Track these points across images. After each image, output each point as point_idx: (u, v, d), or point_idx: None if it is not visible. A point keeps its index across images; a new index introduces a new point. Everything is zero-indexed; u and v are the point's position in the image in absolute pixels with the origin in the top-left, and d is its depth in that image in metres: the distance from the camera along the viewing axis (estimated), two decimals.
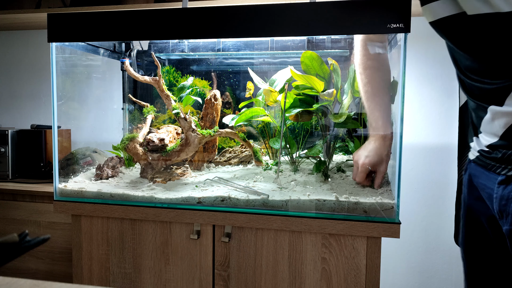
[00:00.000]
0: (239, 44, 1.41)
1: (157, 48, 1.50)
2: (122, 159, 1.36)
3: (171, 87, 1.44)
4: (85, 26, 1.06)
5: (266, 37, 1.32)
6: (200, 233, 1.08)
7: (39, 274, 1.61)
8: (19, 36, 2.15)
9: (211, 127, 1.33)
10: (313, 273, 1.03)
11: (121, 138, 1.30)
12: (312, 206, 1.01)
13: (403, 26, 0.89)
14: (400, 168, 0.95)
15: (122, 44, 1.54)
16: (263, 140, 1.42)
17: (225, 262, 1.08)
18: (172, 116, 1.36)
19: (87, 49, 1.37)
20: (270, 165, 1.31)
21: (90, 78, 1.51)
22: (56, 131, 1.18)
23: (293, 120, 1.27)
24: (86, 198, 1.14)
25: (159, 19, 1.01)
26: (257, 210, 1.03)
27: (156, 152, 1.24)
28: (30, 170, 1.82)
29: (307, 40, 1.34)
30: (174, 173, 1.22)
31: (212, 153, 1.40)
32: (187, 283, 1.10)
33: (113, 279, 1.15)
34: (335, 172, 1.22)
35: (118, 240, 1.14)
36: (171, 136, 1.31)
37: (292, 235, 1.03)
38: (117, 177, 1.29)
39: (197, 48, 1.45)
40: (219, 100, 1.36)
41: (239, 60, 1.52)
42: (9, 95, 2.18)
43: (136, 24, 1.03)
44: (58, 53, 1.17)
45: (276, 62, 1.47)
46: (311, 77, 1.12)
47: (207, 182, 1.19)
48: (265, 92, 1.23)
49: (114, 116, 1.59)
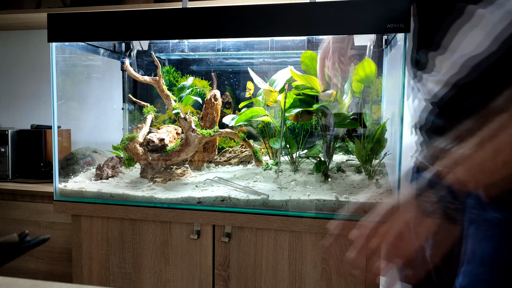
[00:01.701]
0: (239, 44, 1.41)
1: (157, 48, 1.50)
2: (122, 159, 1.36)
3: (171, 87, 1.44)
4: (85, 26, 1.05)
5: (266, 37, 1.32)
6: (200, 233, 1.08)
7: (39, 274, 1.61)
8: (19, 36, 2.15)
9: (211, 127, 1.33)
10: (313, 273, 1.03)
11: (121, 138, 1.30)
12: (312, 206, 1.01)
13: (403, 26, 0.89)
14: (400, 168, 0.95)
15: (122, 44, 1.54)
16: (263, 140, 1.42)
17: (225, 262, 1.08)
18: (172, 116, 1.36)
19: (87, 49, 1.37)
20: (270, 165, 1.31)
21: (90, 78, 1.51)
22: (56, 131, 1.18)
23: (293, 120, 1.27)
24: (86, 198, 1.14)
25: (159, 19, 1.01)
26: (257, 210, 1.03)
27: (156, 152, 1.24)
28: (30, 170, 1.82)
29: (307, 40, 1.34)
30: (174, 173, 1.22)
31: (212, 153, 1.40)
32: (187, 283, 1.10)
33: (113, 279, 1.15)
34: (335, 172, 1.22)
35: (118, 240, 1.14)
36: (171, 136, 1.31)
37: (292, 235, 1.03)
38: (117, 177, 1.29)
39: (197, 48, 1.45)
40: (219, 100, 1.36)
41: (239, 60, 1.52)
42: (9, 95, 2.18)
43: (136, 24, 1.03)
44: (58, 53, 1.17)
45: (276, 62, 1.47)
46: (311, 77, 1.12)
47: (207, 182, 1.19)
48: (265, 92, 1.23)
49: (114, 116, 1.59)
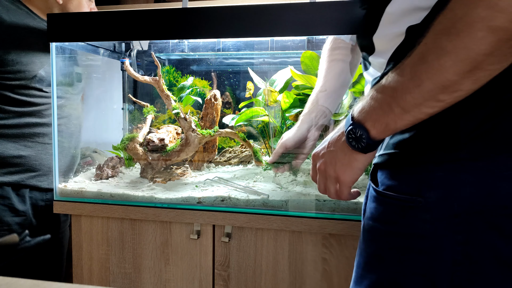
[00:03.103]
0: (239, 44, 1.41)
1: (157, 48, 1.50)
2: (122, 159, 1.36)
3: (171, 87, 1.44)
4: (85, 26, 1.05)
5: (266, 37, 1.32)
6: (200, 233, 1.08)
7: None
8: None
9: (211, 127, 1.33)
10: (314, 273, 1.03)
11: (121, 138, 1.30)
12: (312, 206, 1.01)
13: None
14: None
15: (122, 44, 1.54)
16: (263, 140, 1.42)
17: (225, 262, 1.08)
18: (172, 116, 1.36)
19: (87, 49, 1.37)
20: (270, 165, 1.31)
21: (90, 78, 1.51)
22: (56, 131, 1.18)
23: (293, 120, 1.27)
24: (86, 198, 1.14)
25: (159, 19, 1.01)
26: (257, 210, 1.03)
27: (156, 152, 1.24)
28: None
29: (307, 40, 1.34)
30: (174, 173, 1.22)
31: (212, 153, 1.40)
32: (187, 283, 1.10)
33: (113, 279, 1.15)
34: None
35: (118, 240, 1.14)
36: (171, 136, 1.31)
37: (292, 235, 1.03)
38: (117, 177, 1.29)
39: (197, 48, 1.45)
40: (219, 100, 1.36)
41: (239, 60, 1.52)
42: None
43: (136, 24, 1.03)
44: (58, 53, 1.17)
45: (276, 62, 1.46)
46: (311, 77, 1.12)
47: (207, 182, 1.19)
48: (265, 92, 1.23)
49: (114, 116, 1.59)
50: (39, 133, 1.25)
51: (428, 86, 0.51)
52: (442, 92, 0.50)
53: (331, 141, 0.68)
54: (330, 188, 0.70)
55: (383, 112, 0.56)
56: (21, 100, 1.20)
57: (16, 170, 1.21)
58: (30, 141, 1.23)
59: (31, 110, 1.23)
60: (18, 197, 1.21)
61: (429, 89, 0.51)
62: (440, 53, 0.49)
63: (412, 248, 0.59)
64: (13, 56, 1.17)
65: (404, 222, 0.60)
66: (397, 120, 0.55)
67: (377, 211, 0.65)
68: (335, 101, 1.04)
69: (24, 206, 1.22)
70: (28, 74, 1.19)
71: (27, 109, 1.22)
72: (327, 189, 0.71)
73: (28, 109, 1.22)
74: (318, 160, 0.71)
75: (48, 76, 1.23)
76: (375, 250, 0.64)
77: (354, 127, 0.60)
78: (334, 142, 0.67)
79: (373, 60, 0.69)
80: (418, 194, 0.58)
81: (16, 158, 1.21)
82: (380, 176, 0.66)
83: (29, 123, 1.23)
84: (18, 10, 1.22)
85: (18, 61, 1.17)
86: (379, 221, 0.64)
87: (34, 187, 1.25)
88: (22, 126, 1.22)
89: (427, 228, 0.58)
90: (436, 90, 0.50)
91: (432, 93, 0.51)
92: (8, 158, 1.20)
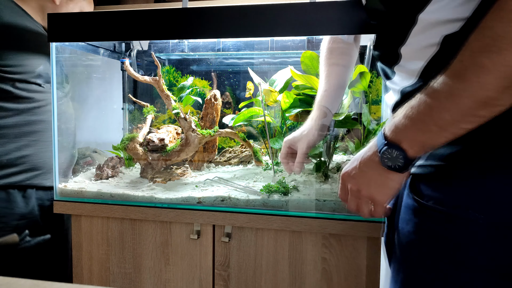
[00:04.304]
0: (239, 44, 1.41)
1: (157, 48, 1.50)
2: (122, 159, 1.36)
3: (171, 87, 1.44)
4: (85, 26, 1.05)
5: (266, 37, 1.32)
6: (200, 233, 1.08)
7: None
8: None
9: (211, 127, 1.33)
10: (314, 273, 1.03)
11: (121, 138, 1.30)
12: (312, 206, 1.01)
13: None
14: None
15: (122, 44, 1.54)
16: (263, 140, 1.42)
17: (225, 262, 1.08)
18: (172, 116, 1.36)
19: (87, 49, 1.37)
20: (270, 165, 1.31)
21: (90, 78, 1.51)
22: (56, 131, 1.18)
23: (293, 120, 1.27)
24: (86, 198, 1.14)
25: (159, 19, 1.01)
26: (257, 210, 1.03)
27: (156, 152, 1.24)
28: None
29: (307, 40, 1.34)
30: (174, 173, 1.22)
31: (212, 153, 1.40)
32: (187, 283, 1.10)
33: (113, 279, 1.15)
34: (335, 172, 1.22)
35: (118, 240, 1.14)
36: (171, 136, 1.31)
37: (292, 235, 1.03)
38: (117, 177, 1.29)
39: (197, 48, 1.45)
40: (219, 100, 1.36)
41: (239, 60, 1.52)
42: None
43: (136, 24, 1.03)
44: (58, 53, 1.17)
45: (276, 62, 1.46)
46: (311, 77, 1.12)
47: (207, 182, 1.19)
48: (265, 92, 1.23)
49: (114, 116, 1.59)
50: (39, 131, 1.25)
51: (467, 103, 0.51)
52: (481, 109, 0.51)
53: (362, 160, 0.66)
54: (364, 209, 0.69)
55: (420, 131, 0.56)
56: (21, 95, 1.20)
57: (20, 170, 1.21)
58: (31, 140, 1.23)
59: (30, 106, 1.22)
60: (24, 199, 1.21)
61: (468, 107, 0.51)
62: (480, 71, 0.49)
63: (462, 261, 0.59)
64: (12, 55, 1.17)
65: (452, 235, 0.59)
66: (435, 138, 0.55)
67: (422, 225, 0.63)
68: (336, 101, 1.04)
69: (30, 208, 1.22)
70: (27, 68, 1.19)
71: (26, 105, 1.21)
72: (360, 210, 0.70)
73: (27, 106, 1.22)
74: (349, 180, 0.69)
75: (46, 73, 1.23)
76: (421, 269, 0.63)
77: (389, 147, 0.59)
78: (366, 161, 0.65)
79: (399, 69, 0.68)
80: (468, 207, 0.58)
81: (19, 159, 1.21)
82: (425, 189, 0.64)
83: (29, 121, 1.23)
84: (14, 9, 1.22)
85: (15, 58, 1.17)
86: (423, 234, 0.63)
87: (39, 186, 1.24)
88: (22, 125, 1.21)
89: (478, 242, 0.57)
90: (476, 107, 0.51)
91: (471, 110, 0.51)
92: (11, 159, 1.20)
